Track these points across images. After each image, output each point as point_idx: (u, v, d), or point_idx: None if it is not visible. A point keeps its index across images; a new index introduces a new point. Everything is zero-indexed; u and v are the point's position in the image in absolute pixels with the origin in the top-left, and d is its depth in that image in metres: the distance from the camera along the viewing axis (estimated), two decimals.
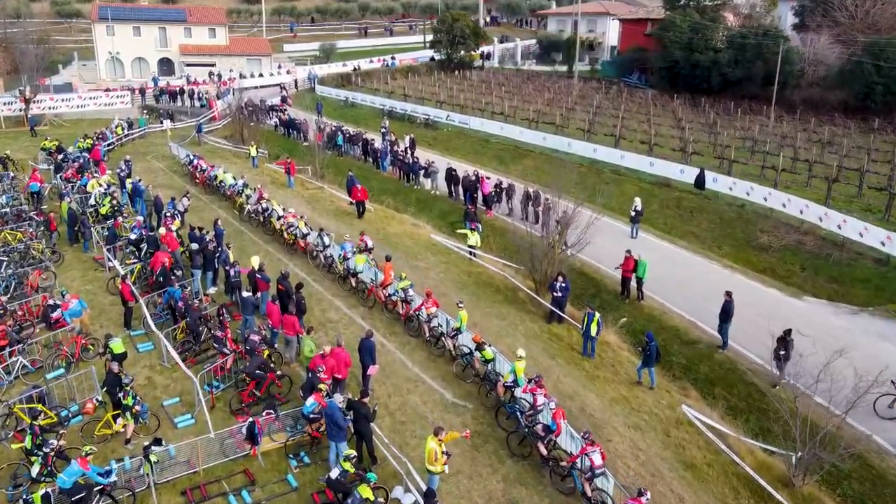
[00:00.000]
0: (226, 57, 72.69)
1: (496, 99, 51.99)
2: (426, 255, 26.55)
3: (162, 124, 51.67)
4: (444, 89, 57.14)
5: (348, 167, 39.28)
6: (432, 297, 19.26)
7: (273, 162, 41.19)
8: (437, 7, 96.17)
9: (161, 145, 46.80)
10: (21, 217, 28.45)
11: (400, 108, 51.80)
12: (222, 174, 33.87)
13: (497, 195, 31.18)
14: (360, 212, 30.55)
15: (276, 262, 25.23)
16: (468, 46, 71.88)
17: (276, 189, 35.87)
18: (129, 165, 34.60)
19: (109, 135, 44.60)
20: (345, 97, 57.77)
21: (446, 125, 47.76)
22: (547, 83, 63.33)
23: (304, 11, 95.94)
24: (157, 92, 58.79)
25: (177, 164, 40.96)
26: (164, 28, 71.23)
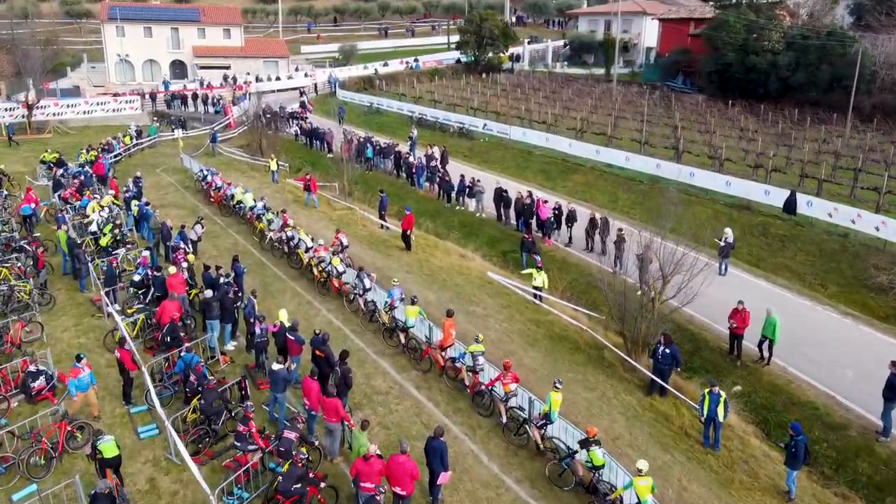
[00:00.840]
0: (241, 59, 68.92)
1: (535, 105, 47.79)
2: (481, 297, 22.41)
3: (173, 132, 47.88)
4: (477, 95, 52.96)
5: (379, 184, 35.31)
6: (511, 370, 15.12)
7: (294, 177, 37.19)
8: (460, 7, 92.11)
9: (172, 156, 42.96)
10: (10, 247, 24.58)
11: (431, 115, 47.70)
12: (241, 194, 29.91)
13: (556, 221, 26.99)
14: (408, 243, 26.43)
15: (305, 307, 21.23)
16: (497, 48, 67.77)
17: (300, 209, 31.91)
18: (138, 184, 30.72)
19: (116, 145, 40.78)
20: (369, 103, 53.74)
21: (483, 135, 43.61)
22: (584, 87, 59.03)
23: (322, 11, 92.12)
24: (169, 97, 54.99)
25: (189, 178, 37.08)
26: (176, 29, 67.55)
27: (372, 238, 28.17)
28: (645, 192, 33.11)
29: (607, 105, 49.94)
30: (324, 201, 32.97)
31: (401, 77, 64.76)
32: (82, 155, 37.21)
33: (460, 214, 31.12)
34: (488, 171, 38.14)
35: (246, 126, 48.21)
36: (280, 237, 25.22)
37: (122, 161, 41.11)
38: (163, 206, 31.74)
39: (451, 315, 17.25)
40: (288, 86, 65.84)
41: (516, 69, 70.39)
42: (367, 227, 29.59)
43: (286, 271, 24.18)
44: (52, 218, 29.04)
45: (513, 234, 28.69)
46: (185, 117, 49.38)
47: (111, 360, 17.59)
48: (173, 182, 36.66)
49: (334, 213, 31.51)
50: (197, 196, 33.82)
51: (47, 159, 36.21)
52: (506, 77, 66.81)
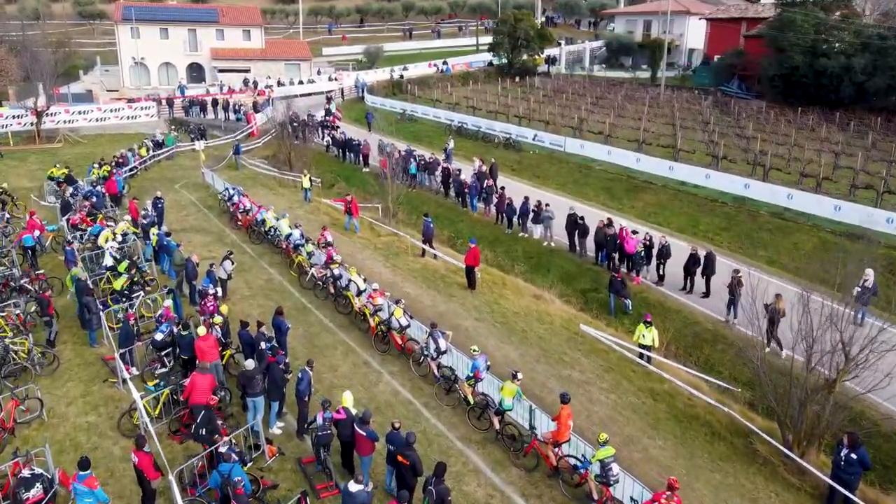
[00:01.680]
0: (261, 62, 65.34)
1: (584, 113, 43.72)
2: (574, 356, 18.44)
3: (193, 142, 44.21)
4: (519, 101, 48.96)
5: (424, 204, 31.44)
6: (677, 492, 11.09)
7: (331, 197, 33.36)
8: (488, 6, 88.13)
9: (192, 170, 39.28)
10: (8, 287, 20.87)
11: (472, 123, 43.70)
12: (273, 219, 26.11)
13: (646, 255, 22.95)
14: (472, 280, 22.51)
15: (361, 370, 17.37)
16: (532, 50, 63.73)
17: (339, 234, 28.05)
18: (158, 207, 27.02)
19: (131, 157, 37.12)
20: (402, 110, 49.84)
21: (533, 147, 39.59)
22: (630, 92, 54.86)
23: (344, 11, 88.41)
24: (187, 103, 51.36)
25: (212, 196, 33.35)
26: (193, 30, 64.01)
27: (427, 273, 24.24)
28: (730, 215, 29.02)
29: (664, 112, 45.77)
30: (365, 225, 29.10)
31: (431, 81, 60.82)
32: (94, 170, 33.55)
33: (524, 243, 27.12)
34: (541, 187, 34.19)
35: (271, 135, 44.50)
36: (325, 275, 21.36)
37: (137, 175, 37.46)
38: (184, 230, 28.08)
39: (567, 402, 13.27)
40: (312, 90, 62.15)
41: (552, 72, 66.29)
42: (419, 258, 25.66)
43: (333, 317, 20.31)
44: (60, 246, 25.38)
45: (590, 268, 24.69)
46: (204, 126, 45.71)
47: (127, 446, 13.81)
48: (195, 201, 32.92)
49: (379, 240, 27.63)
50: (222, 218, 30.06)
51: (56, 175, 32.58)
52: (541, 81, 62.78)
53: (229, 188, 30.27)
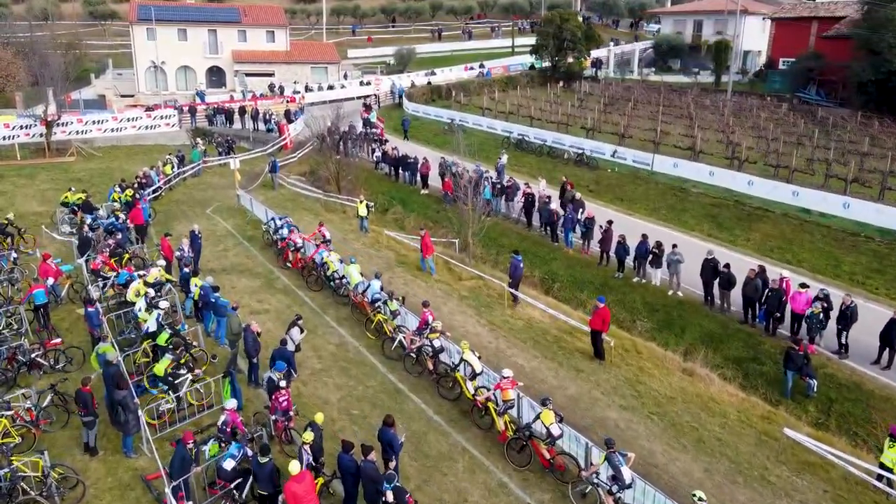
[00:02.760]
0: (286, 65, 60.76)
1: (662, 124, 38.88)
2: (779, 472, 13.65)
3: (220, 155, 39.54)
4: (581, 109, 44.15)
5: (503, 237, 26.67)
6: None
7: (391, 228, 28.61)
8: (521, 6, 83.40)
9: (223, 189, 34.61)
10: (14, 363, 16.20)
11: (534, 136, 38.84)
12: (337, 262, 21.38)
13: (823, 317, 18.07)
14: (599, 348, 17.73)
15: (501, 500, 12.56)
16: (578, 52, 58.90)
17: (410, 276, 23.34)
18: (197, 244, 22.37)
19: (155, 177, 32.44)
20: (449, 119, 45.03)
21: (612, 164, 34.73)
22: (695, 99, 49.96)
23: (369, 11, 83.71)
24: (211, 111, 46.68)
25: (251, 224, 28.62)
26: (214, 31, 59.46)
27: (534, 333, 19.44)
28: (882, 253, 24.13)
29: (748, 123, 40.84)
30: (440, 264, 24.29)
31: (472, 86, 56.08)
32: (115, 194, 28.85)
33: (642, 291, 22.26)
34: (626, 211, 29.45)
35: (309, 149, 39.79)
36: (423, 346, 16.60)
37: (161, 196, 32.78)
38: (224, 271, 23.42)
39: None
40: (342, 96, 57.44)
41: (600, 76, 61.47)
42: (517, 310, 20.87)
43: (439, 406, 15.56)
44: (78, 294, 20.73)
45: (739, 328, 19.84)
46: (232, 137, 40.99)
47: None
48: (231, 230, 28.19)
49: (461, 286, 22.80)
50: (266, 253, 25.31)
51: (71, 201, 27.87)
52: (589, 86, 58.01)
53: (276, 219, 25.51)
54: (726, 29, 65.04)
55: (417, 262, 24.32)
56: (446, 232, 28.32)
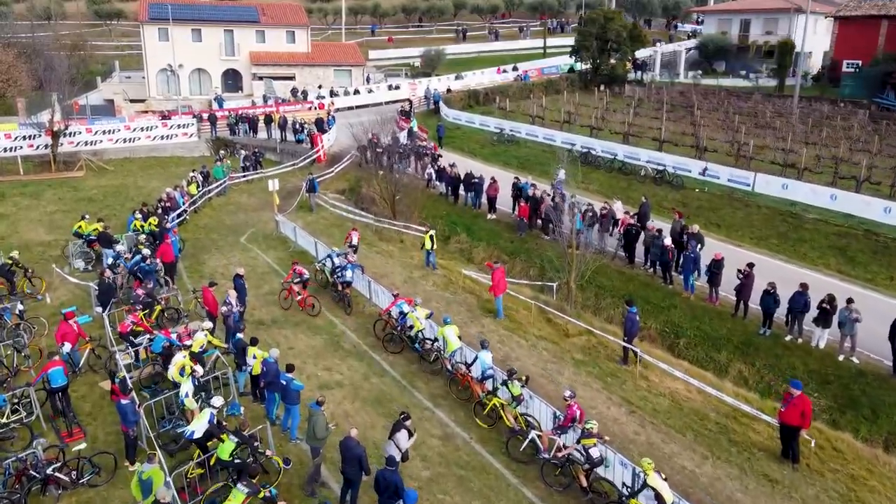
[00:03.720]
0: (307, 67, 56.48)
1: (745, 136, 34.66)
2: None
3: (245, 170, 35.29)
4: (646, 118, 39.94)
5: (598, 275, 22.34)
6: None
7: (457, 261, 24.44)
8: (550, 5, 79.17)
9: (254, 210, 30.43)
10: (24, 478, 12.02)
11: (602, 149, 34.52)
12: (423, 319, 17.17)
13: None
14: (791, 447, 13.48)
15: None
16: (623, 53, 54.70)
17: (505, 329, 19.14)
18: (243, 297, 18.16)
19: (180, 199, 28.19)
20: (498, 128, 40.71)
21: (701, 183, 30.46)
22: (758, 105, 45.76)
23: (389, 10, 79.43)
24: (233, 119, 42.39)
25: (298, 257, 24.40)
26: (230, 31, 55.13)
27: (686, 415, 15.20)
28: None
29: (839, 136, 36.56)
30: (537, 314, 20.03)
31: (510, 91, 51.83)
32: (136, 222, 24.60)
33: (802, 355, 17.95)
34: (725, 239, 25.25)
35: (347, 162, 35.59)
36: (571, 455, 12.38)
37: (187, 221, 28.52)
38: (276, 324, 19.29)
39: None
40: (369, 101, 53.25)
41: (646, 80, 57.25)
42: (652, 382, 16.62)
43: None
44: (101, 363, 16.53)
45: None
46: (260, 150, 36.68)
47: None
48: (274, 265, 23.95)
49: (569, 343, 18.56)
50: (322, 295, 21.04)
51: (86, 232, 23.60)
52: (638, 90, 53.78)
53: (332, 256, 21.23)
54: (777, 29, 61.00)
55: (488, 304, 20.13)
56: (527, 268, 24.19)
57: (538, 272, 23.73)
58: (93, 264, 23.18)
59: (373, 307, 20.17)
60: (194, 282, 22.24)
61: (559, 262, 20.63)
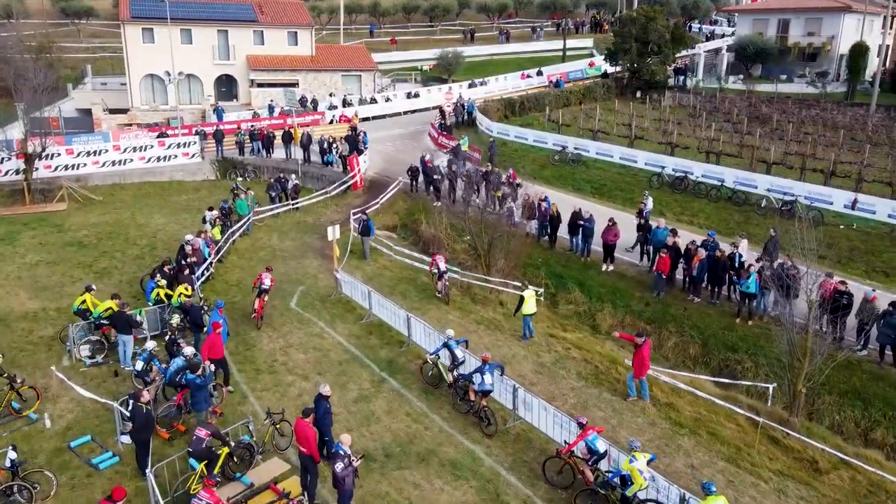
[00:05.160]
0: (313, 73, 50.14)
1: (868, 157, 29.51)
2: None
3: (271, 202, 28.90)
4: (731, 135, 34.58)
5: None
6: None
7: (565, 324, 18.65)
8: (563, 4, 73.75)
9: (293, 256, 24.16)
10: None
11: (704, 173, 28.77)
12: (646, 471, 11.28)
13: None
14: None
15: None
16: (665, 56, 49.48)
17: (714, 462, 13.37)
18: (326, 427, 12.16)
19: (205, 248, 21.73)
20: (560, 146, 34.83)
21: (849, 219, 25.00)
22: (822, 114, 40.89)
23: (390, 9, 73.13)
24: (244, 137, 35.78)
25: (376, 330, 18.31)
26: (224, 31, 48.51)
27: None
28: None
29: None
30: (748, 430, 14.31)
31: (547, 100, 46.15)
32: (158, 290, 18.13)
33: None
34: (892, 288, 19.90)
35: (394, 190, 29.47)
36: None
37: (213, 278, 22.08)
38: (388, 455, 13.39)
39: None
40: (386, 111, 47.16)
41: (689, 85, 52.16)
42: None
43: None
44: None
45: None
46: (286, 178, 30.19)
47: None
48: (348, 345, 17.78)
49: (827, 485, 12.85)
50: (436, 400, 15.04)
51: (96, 313, 17.02)
52: (679, 97, 48.69)
53: (452, 346, 15.16)
54: (820, 29, 56.44)
55: (710, 427, 14.35)
56: (681, 343, 18.44)
57: (700, 351, 18.07)
58: (105, 355, 16.72)
59: (522, 425, 14.20)
60: (248, 379, 16.02)
61: (747, 344, 14.94)
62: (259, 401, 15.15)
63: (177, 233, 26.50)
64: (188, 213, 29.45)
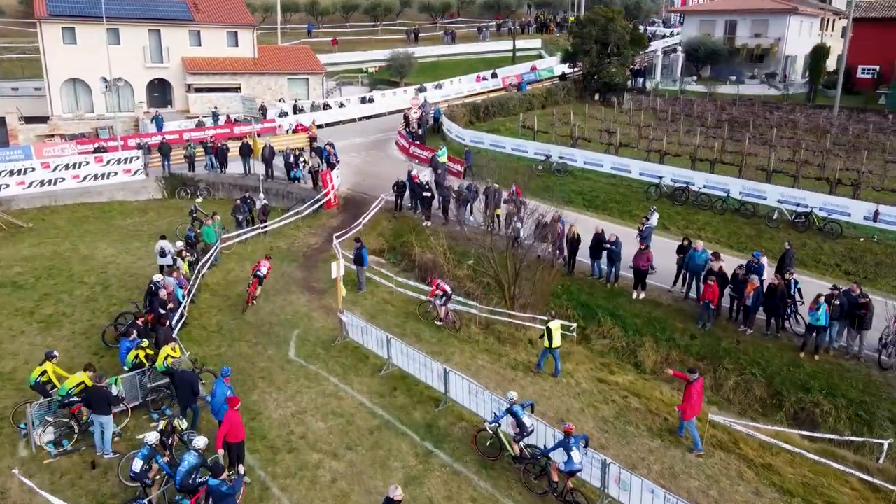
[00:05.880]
0: (256, 76, 46.41)
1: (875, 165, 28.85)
2: None
3: (238, 226, 25.51)
4: (707, 139, 33.44)
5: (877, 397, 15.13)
6: None
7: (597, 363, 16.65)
8: (507, 4, 72.14)
9: (275, 293, 20.94)
10: None
11: (713, 183, 27.01)
12: None
13: None
14: None
15: None
16: (624, 58, 48.44)
17: None
18: None
19: (178, 290, 18.30)
20: (542, 154, 32.71)
21: (868, 229, 23.90)
22: (787, 117, 40.72)
23: (329, 8, 69.49)
24: (192, 149, 31.92)
25: (403, 387, 15.61)
26: (157, 31, 44.14)
27: None
28: None
29: None
30: (815, 480, 12.52)
31: (511, 104, 44.21)
32: (137, 352, 14.72)
33: None
34: None
35: (376, 209, 26.62)
36: None
37: (188, 324, 18.68)
38: None
39: None
40: (341, 118, 44.02)
41: (649, 87, 51.37)
42: None
43: None
44: None
45: None
46: (250, 196, 26.79)
47: None
48: (371, 405, 15.00)
49: None
50: (501, 476, 12.54)
51: (64, 390, 13.49)
52: (634, 99, 47.83)
53: (519, 414, 12.65)
54: (767, 31, 56.93)
55: (799, 486, 12.49)
56: (743, 382, 16.61)
57: (766, 391, 16.26)
58: (75, 440, 13.33)
59: None
60: (264, 461, 13.02)
61: (819, 382, 13.22)
62: (285, 493, 12.22)
63: (130, 266, 22.88)
64: (138, 239, 25.69)
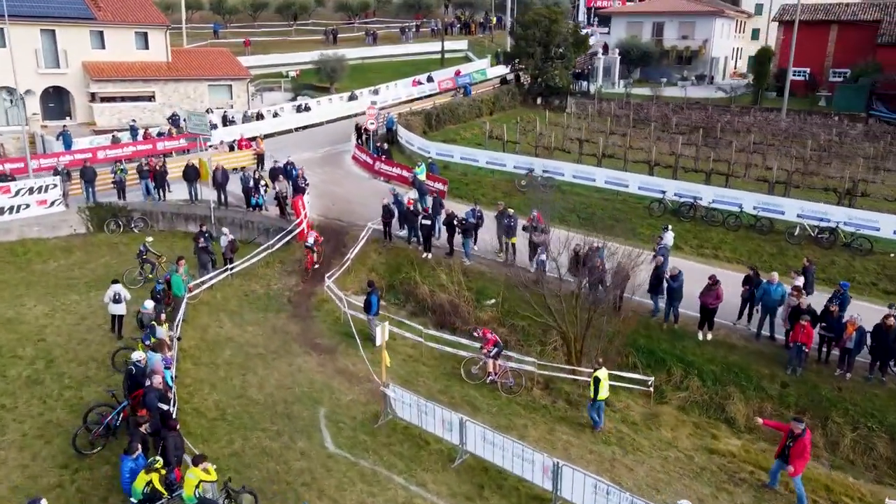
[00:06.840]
0: (172, 83, 41.06)
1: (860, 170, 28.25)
2: None
3: (203, 268, 21.18)
4: (667, 145, 32.10)
5: None
6: None
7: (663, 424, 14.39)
8: (427, 4, 69.28)
9: (271, 353, 17.13)
10: None
11: (727, 198, 25.26)
12: None
13: None
14: None
15: None
16: (567, 61, 46.97)
17: None
18: None
19: (169, 375, 14.11)
20: (523, 168, 30.03)
21: (889, 242, 22.91)
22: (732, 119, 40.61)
23: (237, 6, 63.85)
24: (121, 171, 26.74)
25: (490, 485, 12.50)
26: (51, 32, 37.97)
27: None
28: None
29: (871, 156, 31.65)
30: None
31: (461, 111, 41.49)
32: (150, 473, 10.71)
33: None
34: None
35: (364, 240, 23.01)
36: None
37: (182, 410, 14.53)
38: None
39: None
40: (276, 129, 39.59)
41: (593, 91, 50.11)
42: None
43: None
44: None
45: None
46: (208, 230, 22.43)
47: None
48: None
49: None
50: None
51: None
52: (579, 103, 46.51)
53: None
54: (694, 33, 57.44)
55: None
56: (860, 438, 14.69)
57: (891, 448, 14.37)
58: None
59: None
60: None
61: None
62: None
63: (74, 329, 18.26)
64: (73, 290, 20.88)
